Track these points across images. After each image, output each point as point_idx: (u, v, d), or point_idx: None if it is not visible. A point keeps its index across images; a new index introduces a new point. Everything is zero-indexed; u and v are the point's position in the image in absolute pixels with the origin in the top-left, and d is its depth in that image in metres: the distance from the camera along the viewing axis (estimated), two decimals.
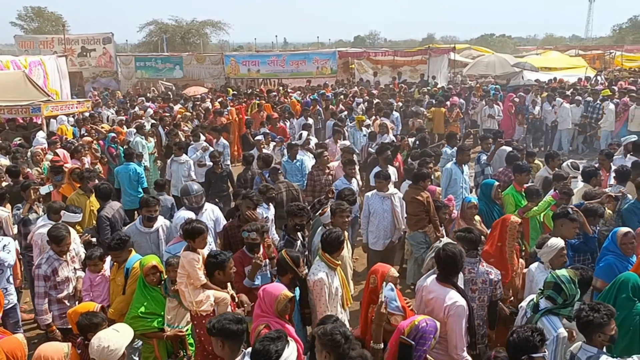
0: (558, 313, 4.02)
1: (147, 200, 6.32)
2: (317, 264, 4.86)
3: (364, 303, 4.47)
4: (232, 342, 3.48)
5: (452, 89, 20.62)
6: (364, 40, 75.46)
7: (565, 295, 4.01)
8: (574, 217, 5.52)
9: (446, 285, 4.26)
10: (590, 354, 3.61)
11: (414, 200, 6.85)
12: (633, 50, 37.20)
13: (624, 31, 67.14)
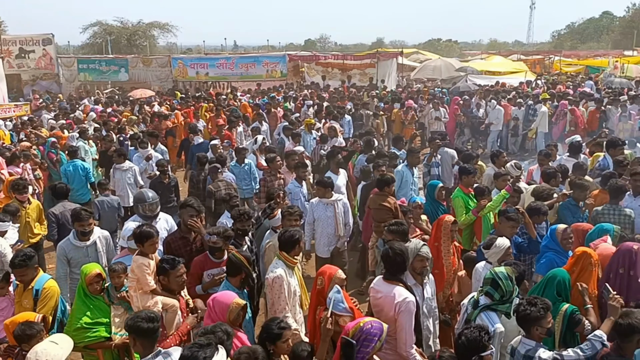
0: (496, 309, 4.11)
1: (79, 215, 5.82)
2: (275, 262, 4.90)
3: (312, 305, 4.47)
4: (144, 339, 3.67)
5: (401, 92, 20.96)
6: (315, 44, 75.73)
7: (502, 292, 4.11)
8: (511, 216, 5.65)
9: (393, 282, 4.31)
10: (529, 347, 3.73)
11: (381, 208, 6.76)
12: (571, 56, 38.82)
13: (562, 37, 70.26)
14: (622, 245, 4.72)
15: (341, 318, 3.97)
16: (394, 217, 6.61)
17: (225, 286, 4.75)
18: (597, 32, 65.47)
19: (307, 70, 26.78)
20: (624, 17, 61.28)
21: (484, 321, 4.04)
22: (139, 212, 6.33)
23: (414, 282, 4.58)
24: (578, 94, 17.91)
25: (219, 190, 8.20)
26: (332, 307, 3.95)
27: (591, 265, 4.60)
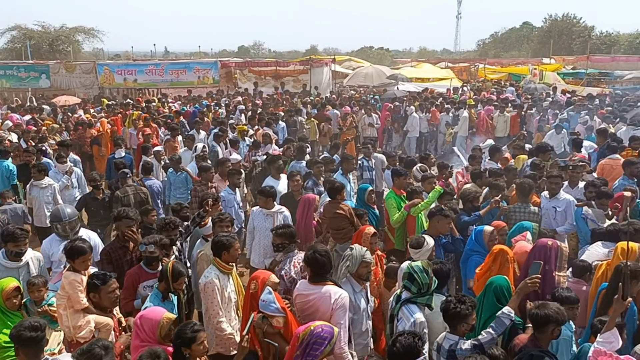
0: (416, 302, 4.27)
1: (14, 234, 5.32)
2: (210, 268, 4.86)
3: (245, 308, 4.44)
4: (28, 349, 3.57)
5: (334, 98, 21.18)
6: (248, 51, 75.35)
7: (419, 284, 4.28)
8: (447, 213, 5.97)
9: (322, 283, 4.36)
10: (452, 342, 3.89)
11: (337, 215, 6.72)
12: (494, 64, 40.65)
13: (487, 46, 73.60)
14: (538, 241, 4.95)
15: (274, 319, 3.98)
16: (350, 222, 6.68)
17: (154, 295, 4.63)
18: (519, 41, 69.01)
19: (240, 77, 26.52)
20: (542, 28, 65.06)
21: (405, 314, 4.22)
22: (57, 232, 5.99)
23: (360, 288, 4.66)
24: (501, 100, 18.75)
25: (127, 196, 8.08)
26: (263, 307, 3.98)
27: (508, 262, 4.79)
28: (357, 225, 6.73)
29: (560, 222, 7.03)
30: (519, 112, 15.83)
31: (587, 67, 33.10)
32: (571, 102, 17.91)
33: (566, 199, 7.01)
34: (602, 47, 53.70)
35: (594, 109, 16.23)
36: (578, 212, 6.86)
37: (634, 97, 19.63)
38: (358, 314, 4.63)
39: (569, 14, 63.65)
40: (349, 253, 4.63)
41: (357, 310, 4.62)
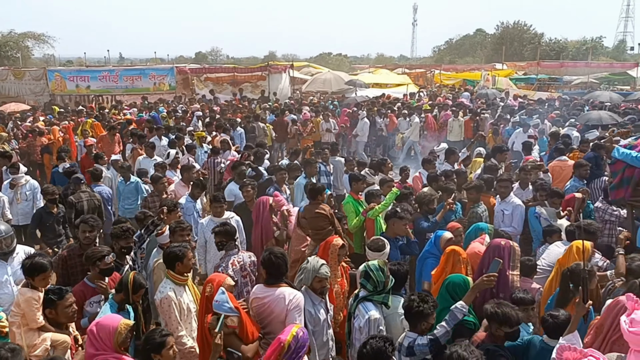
0: (372, 299, 4.36)
1: None
2: (164, 281, 4.75)
3: (200, 312, 4.38)
4: None
5: (293, 104, 21.20)
6: (206, 57, 74.54)
7: (375, 282, 4.38)
8: (403, 215, 6.06)
9: (276, 285, 4.38)
10: (411, 339, 3.96)
11: (317, 216, 6.74)
12: (450, 69, 41.55)
13: (442, 52, 75.27)
14: (492, 241, 5.06)
15: (229, 318, 3.99)
16: (330, 223, 6.76)
17: (109, 305, 4.52)
18: (473, 48, 70.87)
19: (197, 83, 26.22)
20: (495, 34, 67.02)
21: (360, 312, 4.32)
22: None
23: (319, 300, 4.63)
24: (456, 105, 19.18)
25: (80, 202, 7.93)
26: (217, 308, 3.98)
27: (460, 262, 4.89)
28: (337, 227, 6.82)
29: (508, 226, 7.13)
30: (473, 117, 16.23)
31: (538, 72, 34.28)
32: (523, 107, 18.50)
33: (514, 203, 7.13)
34: (551, 53, 55.69)
35: (545, 113, 16.77)
36: (531, 212, 7.04)
37: (581, 101, 20.39)
38: (319, 325, 4.59)
39: (520, 22, 65.93)
40: (304, 266, 4.59)
41: (317, 322, 4.57)
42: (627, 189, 6.56)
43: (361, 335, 4.24)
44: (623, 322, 3.15)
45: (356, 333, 4.35)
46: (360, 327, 4.28)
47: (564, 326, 3.87)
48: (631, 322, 3.13)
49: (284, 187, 8.50)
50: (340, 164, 10.64)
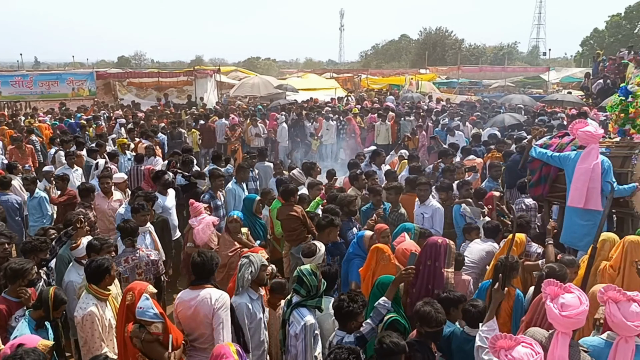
0: (306, 305, 4.33)
1: None
2: (85, 296, 4.52)
3: (120, 322, 4.18)
4: None
5: (219, 109, 20.87)
6: (129, 61, 72.13)
7: (308, 287, 4.35)
8: (338, 223, 6.08)
9: (201, 287, 4.31)
10: (340, 337, 4.02)
11: (290, 217, 6.70)
12: (376, 74, 42.50)
13: (369, 57, 76.82)
14: (429, 239, 5.17)
15: (153, 325, 3.87)
16: (303, 224, 6.69)
17: (25, 323, 4.24)
18: (398, 53, 72.86)
19: (120, 89, 25.25)
20: (418, 40, 69.29)
21: (295, 318, 4.27)
22: None
23: (257, 296, 4.65)
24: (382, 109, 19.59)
25: None
26: (141, 314, 3.85)
27: (384, 260, 4.94)
28: (310, 227, 6.74)
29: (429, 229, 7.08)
30: (397, 120, 16.61)
31: (459, 76, 35.72)
32: (446, 110, 19.16)
33: (433, 206, 7.18)
34: (471, 58, 58.28)
35: (466, 115, 17.45)
36: (457, 209, 7.24)
37: (499, 103, 21.42)
38: (255, 322, 4.58)
39: (442, 28, 68.58)
40: (246, 261, 4.58)
41: (253, 319, 4.57)
42: (545, 186, 6.85)
43: (297, 342, 4.21)
44: (553, 308, 3.23)
45: (291, 340, 4.30)
46: (296, 333, 4.23)
47: (483, 316, 3.99)
48: (562, 306, 3.22)
49: (218, 193, 8.30)
50: (269, 168, 10.53)
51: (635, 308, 3.29)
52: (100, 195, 8.24)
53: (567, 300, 3.23)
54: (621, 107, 6.47)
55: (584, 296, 3.29)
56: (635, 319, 3.27)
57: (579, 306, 3.21)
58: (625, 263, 4.86)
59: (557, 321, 3.23)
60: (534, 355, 3.06)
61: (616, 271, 4.91)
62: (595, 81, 20.94)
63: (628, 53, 20.62)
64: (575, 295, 3.27)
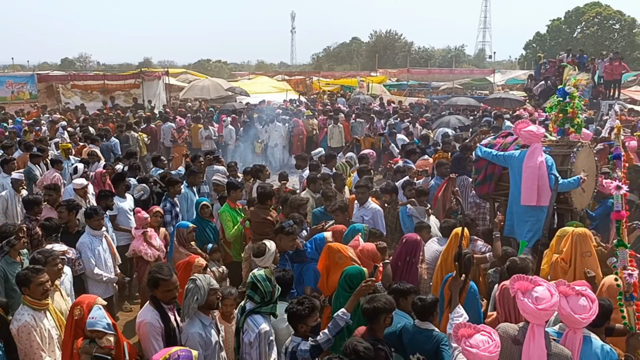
0: (260, 311, 4.24)
1: None
2: (21, 308, 4.38)
3: (67, 337, 4.03)
4: None
5: (169, 112, 20.46)
6: (73, 63, 69.77)
7: (262, 293, 4.25)
8: (290, 230, 5.74)
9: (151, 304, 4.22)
10: (295, 343, 3.96)
11: (264, 221, 6.60)
12: (328, 76, 42.71)
13: (321, 59, 77.10)
14: (409, 236, 5.33)
15: (104, 337, 3.76)
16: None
17: None
18: (349, 55, 73.51)
19: (64, 92, 24.32)
20: (369, 43, 70.13)
21: (250, 326, 4.16)
22: None
23: (209, 320, 4.32)
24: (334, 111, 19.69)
25: None
26: (91, 325, 3.73)
27: (340, 259, 4.96)
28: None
29: None
30: (348, 121, 16.73)
31: (408, 79, 36.38)
32: (396, 111, 19.44)
33: (373, 208, 7.16)
34: (420, 60, 59.50)
35: (416, 117, 17.75)
36: (403, 211, 7.33)
37: (447, 105, 21.92)
38: (210, 348, 4.26)
39: (392, 31, 69.69)
40: (192, 286, 4.20)
41: (208, 346, 4.23)
42: (490, 184, 7.03)
43: (252, 350, 4.12)
44: (528, 303, 3.33)
45: (246, 347, 4.20)
46: (250, 341, 4.13)
47: (431, 309, 4.15)
48: (536, 300, 3.33)
49: (175, 199, 8.12)
50: (213, 171, 10.33)
51: (583, 302, 3.44)
52: (47, 207, 7.74)
53: (540, 294, 3.35)
54: (560, 108, 6.70)
55: (552, 287, 3.42)
56: (582, 312, 3.41)
57: (552, 298, 3.35)
58: (576, 255, 5.07)
59: (533, 315, 3.35)
60: (490, 342, 3.21)
61: (567, 263, 5.10)
62: (537, 83, 21.79)
63: (567, 56, 21.54)
64: (545, 287, 3.40)
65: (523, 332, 3.46)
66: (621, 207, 4.09)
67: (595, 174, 6.82)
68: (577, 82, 6.80)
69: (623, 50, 44.72)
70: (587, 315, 3.42)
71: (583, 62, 20.66)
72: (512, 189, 6.49)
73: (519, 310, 3.52)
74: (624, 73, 21.70)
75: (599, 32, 55.68)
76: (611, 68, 19.82)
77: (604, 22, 56.10)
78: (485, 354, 3.17)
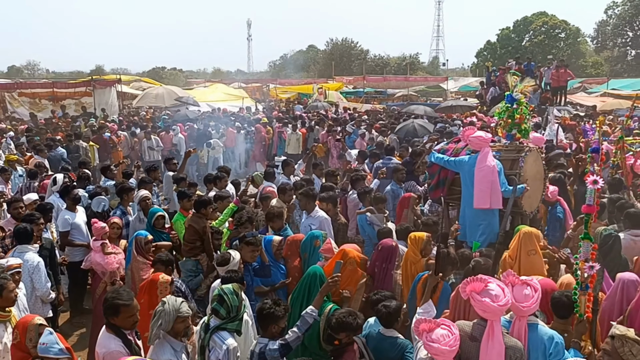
0: (226, 328, 4.13)
1: None
2: None
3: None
4: None
5: (122, 120, 20.02)
6: (21, 71, 67.42)
7: (228, 307, 4.14)
8: (251, 240, 5.60)
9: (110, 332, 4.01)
10: (262, 344, 3.95)
11: (189, 228, 6.55)
12: (285, 84, 42.76)
13: (278, 67, 77.21)
14: (385, 242, 5.41)
15: None
16: (201, 239, 6.56)
17: None
18: (306, 63, 73.82)
19: (10, 100, 23.40)
20: (325, 50, 70.65)
21: (216, 343, 4.03)
22: None
23: (180, 346, 4.06)
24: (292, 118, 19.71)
25: None
26: (44, 352, 3.55)
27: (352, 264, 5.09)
28: (208, 244, 6.59)
29: None
30: (307, 129, 16.76)
31: (365, 86, 36.79)
32: (353, 118, 19.60)
33: (320, 217, 7.06)
34: (376, 68, 60.33)
35: (371, 123, 17.96)
36: (363, 219, 7.35)
37: (403, 112, 22.27)
38: None
39: (348, 39, 70.46)
40: (161, 309, 3.95)
41: None
42: (443, 189, 7.14)
43: None
44: (489, 302, 3.43)
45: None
46: (218, 359, 3.99)
47: (396, 315, 4.18)
48: (495, 298, 3.45)
49: (128, 208, 7.96)
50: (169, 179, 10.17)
51: (527, 291, 3.60)
52: (11, 222, 7.25)
53: (495, 291, 3.48)
54: (508, 114, 6.89)
55: (501, 283, 3.57)
56: (524, 301, 3.57)
57: (505, 293, 3.49)
58: (521, 252, 5.27)
59: (492, 311, 3.45)
60: (450, 336, 3.34)
61: (513, 260, 5.30)
62: (488, 90, 22.43)
63: (515, 64, 22.26)
64: (496, 284, 3.53)
65: (479, 328, 3.55)
66: (593, 201, 4.16)
67: (543, 178, 7.05)
68: (523, 89, 6.94)
69: (568, 58, 46.73)
70: (529, 303, 3.56)
71: (531, 70, 21.39)
72: (464, 193, 6.62)
73: (472, 311, 3.63)
74: (570, 80, 22.63)
75: (546, 40, 58.00)
76: (557, 75, 20.62)
77: (550, 31, 58.47)
78: (446, 347, 3.29)
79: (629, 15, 53.44)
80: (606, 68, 53.18)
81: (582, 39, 58.52)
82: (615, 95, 26.86)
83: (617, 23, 54.67)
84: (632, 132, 13.99)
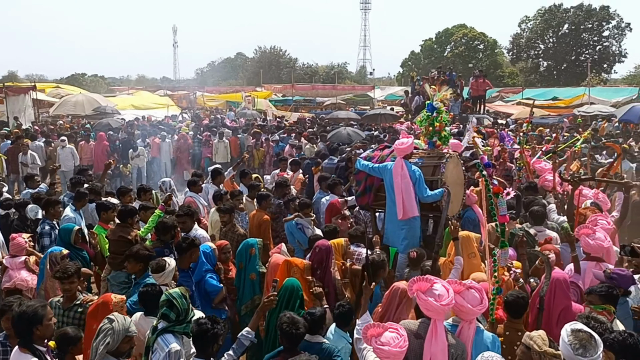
0: (173, 331, 4.04)
1: None
2: None
3: None
4: None
5: (37, 129, 18.93)
6: None
7: (178, 310, 4.07)
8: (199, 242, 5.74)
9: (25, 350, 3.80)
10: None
11: (120, 239, 6.26)
12: (213, 91, 42.10)
13: (205, 74, 76.00)
14: (321, 244, 5.48)
15: None
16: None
17: None
18: (235, 70, 73.25)
19: None
20: (254, 58, 70.41)
21: (160, 345, 3.94)
22: None
23: None
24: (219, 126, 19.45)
25: None
26: None
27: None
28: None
29: None
30: (236, 136, 16.59)
31: (293, 94, 36.93)
32: (282, 126, 19.60)
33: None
34: (305, 76, 60.83)
35: (300, 131, 18.02)
36: (292, 226, 7.33)
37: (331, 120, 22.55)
38: None
39: (276, 47, 70.59)
40: (109, 326, 3.77)
41: None
42: (370, 195, 7.27)
43: None
44: (433, 301, 3.60)
45: None
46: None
47: (321, 322, 4.26)
48: (439, 297, 3.63)
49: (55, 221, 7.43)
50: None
51: (475, 294, 3.81)
52: None
53: (440, 291, 3.65)
54: (429, 122, 7.13)
55: (446, 284, 3.75)
56: (477, 303, 3.79)
57: (449, 293, 3.66)
58: (462, 256, 5.53)
59: (437, 311, 3.61)
60: (399, 338, 3.46)
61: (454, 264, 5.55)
62: (413, 98, 23.17)
63: (438, 73, 23.16)
64: (441, 284, 3.70)
65: (424, 327, 3.74)
66: (505, 211, 4.56)
67: (463, 183, 7.34)
68: (442, 97, 7.21)
69: (487, 69, 49.22)
70: (481, 305, 3.79)
71: (452, 79, 22.32)
72: (388, 199, 6.79)
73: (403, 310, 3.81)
74: (488, 89, 23.83)
75: (466, 52, 60.71)
76: (477, 85, 21.66)
77: (470, 42, 61.30)
78: (396, 349, 3.41)
79: (540, 29, 56.94)
80: (521, 78, 56.36)
81: (499, 50, 61.67)
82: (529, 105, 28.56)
83: (529, 36, 58.02)
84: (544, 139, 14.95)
